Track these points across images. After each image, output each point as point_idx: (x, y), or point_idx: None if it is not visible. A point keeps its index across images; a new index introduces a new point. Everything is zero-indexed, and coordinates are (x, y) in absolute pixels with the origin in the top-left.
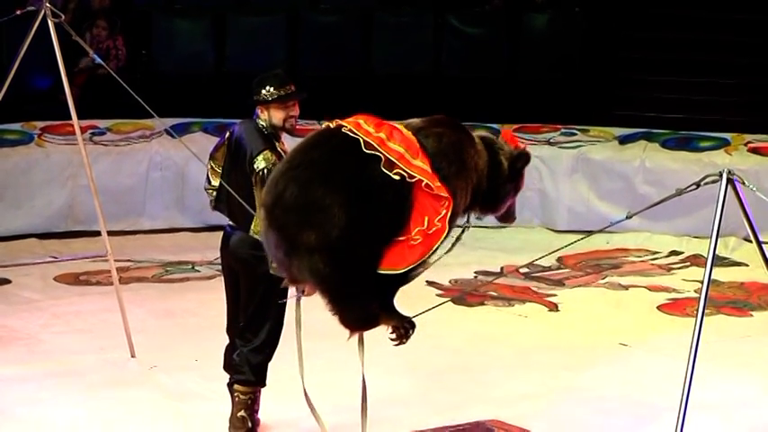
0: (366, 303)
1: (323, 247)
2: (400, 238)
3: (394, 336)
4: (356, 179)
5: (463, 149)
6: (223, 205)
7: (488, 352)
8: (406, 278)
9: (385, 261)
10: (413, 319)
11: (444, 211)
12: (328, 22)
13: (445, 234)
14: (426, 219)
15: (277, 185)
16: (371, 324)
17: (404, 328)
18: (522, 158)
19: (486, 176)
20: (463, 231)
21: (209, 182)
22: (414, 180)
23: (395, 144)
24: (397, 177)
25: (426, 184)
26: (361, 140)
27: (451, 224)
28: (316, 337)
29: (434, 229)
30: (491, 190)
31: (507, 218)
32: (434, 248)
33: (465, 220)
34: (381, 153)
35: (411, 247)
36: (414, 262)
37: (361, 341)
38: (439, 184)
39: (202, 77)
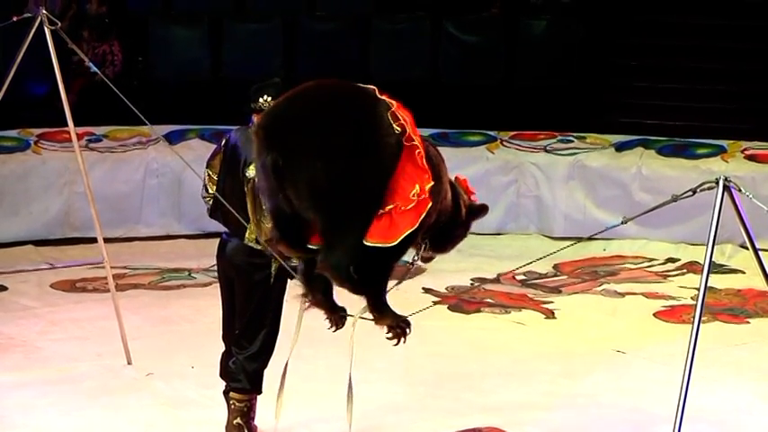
0: (355, 241)
1: (325, 153)
2: (389, 207)
3: (391, 335)
4: (372, 112)
5: (442, 165)
6: (219, 213)
7: (485, 359)
8: (394, 258)
9: (375, 234)
10: (408, 318)
11: (429, 185)
12: (325, 28)
13: (429, 207)
14: (417, 185)
15: (279, 106)
16: (347, 278)
17: (400, 328)
18: (483, 212)
19: (447, 213)
20: (411, 267)
21: (207, 190)
22: (409, 144)
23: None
24: (398, 129)
25: (419, 152)
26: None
27: (436, 206)
28: (315, 343)
29: (423, 197)
30: (448, 228)
31: (427, 260)
32: (420, 220)
33: (415, 252)
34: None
35: (401, 214)
36: (405, 231)
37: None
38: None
39: (199, 84)
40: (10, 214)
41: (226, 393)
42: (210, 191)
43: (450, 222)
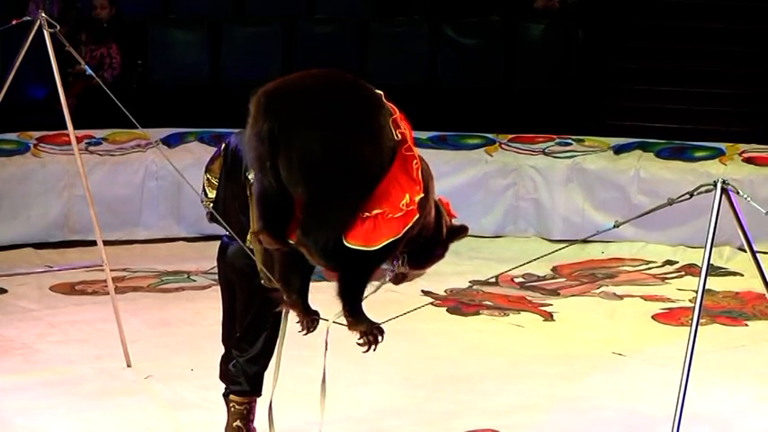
0: (339, 221)
1: (326, 125)
2: (377, 211)
3: (362, 341)
4: (375, 106)
5: (431, 181)
6: (220, 216)
7: (484, 362)
8: (375, 263)
9: (358, 236)
10: (381, 326)
11: (419, 197)
12: (324, 32)
13: (415, 219)
14: (408, 195)
15: (286, 80)
16: (326, 256)
17: (372, 335)
18: (463, 233)
19: (430, 230)
20: (384, 280)
21: (206, 194)
22: (407, 153)
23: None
24: (398, 137)
25: (416, 163)
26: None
27: (421, 220)
28: (311, 347)
29: (411, 208)
30: (427, 245)
31: (400, 280)
32: (405, 230)
33: (396, 261)
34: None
35: (387, 221)
36: (389, 238)
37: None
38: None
39: (198, 87)
40: (9, 217)
41: (225, 396)
42: (210, 195)
43: (430, 240)
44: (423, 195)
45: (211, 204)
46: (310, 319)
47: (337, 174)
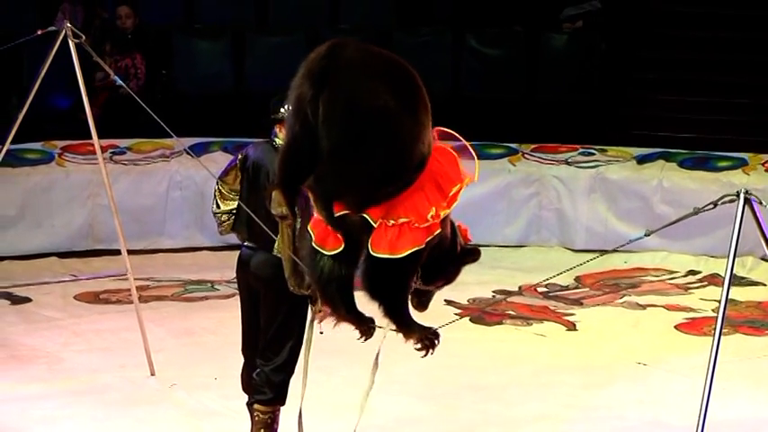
0: (370, 188)
1: (383, 84)
2: (403, 219)
3: (419, 346)
4: (419, 88)
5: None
6: (243, 227)
7: (506, 371)
8: (405, 273)
9: (383, 244)
10: (436, 330)
11: (445, 211)
12: None
13: (437, 233)
14: (434, 209)
15: (334, 47)
16: (330, 211)
17: (428, 339)
18: (476, 255)
19: (445, 246)
20: None
21: (218, 206)
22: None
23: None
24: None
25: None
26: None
27: (441, 234)
28: (334, 355)
29: (436, 221)
30: (441, 261)
31: (422, 305)
32: (427, 240)
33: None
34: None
35: (413, 230)
36: (413, 246)
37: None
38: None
39: (222, 97)
40: (34, 226)
41: (249, 405)
42: (222, 206)
43: (444, 254)
44: (448, 211)
45: (225, 216)
46: (367, 327)
47: (373, 130)
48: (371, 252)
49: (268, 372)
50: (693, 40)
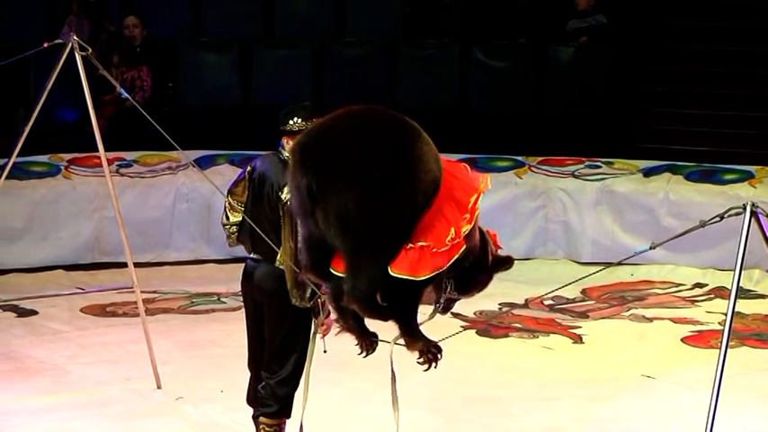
0: (380, 272)
1: (360, 185)
2: (421, 243)
3: (422, 360)
4: (413, 142)
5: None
6: (247, 238)
7: (512, 384)
8: (422, 289)
9: (403, 266)
10: (439, 344)
11: (466, 227)
12: (354, 54)
13: (462, 250)
14: (453, 229)
15: (323, 125)
16: (372, 307)
17: (431, 353)
18: (508, 263)
19: (476, 255)
20: (436, 308)
21: (228, 218)
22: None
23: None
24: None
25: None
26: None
27: (467, 247)
28: (340, 368)
29: (457, 240)
30: (472, 271)
31: (446, 310)
32: (452, 261)
33: (444, 290)
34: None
35: (433, 255)
36: (434, 270)
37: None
38: (474, 199)
39: (228, 109)
40: (40, 239)
41: (255, 418)
42: (231, 218)
43: (475, 265)
44: (470, 226)
45: (234, 228)
46: (369, 341)
47: (372, 232)
48: (390, 272)
49: (273, 384)
50: (700, 53)
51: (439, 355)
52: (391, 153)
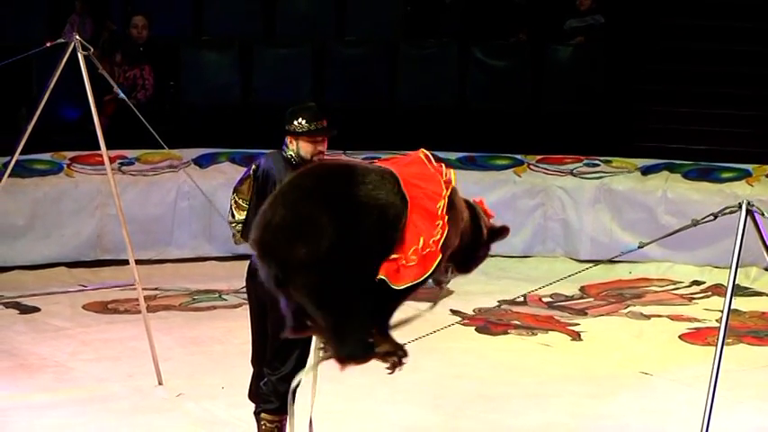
0: (363, 326)
1: (315, 260)
2: (394, 256)
3: (388, 363)
4: (343, 195)
5: (455, 192)
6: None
7: (511, 381)
8: (401, 298)
9: (383, 272)
10: (406, 348)
11: (439, 235)
12: (354, 53)
13: (438, 260)
14: (422, 239)
15: (265, 215)
16: (366, 355)
17: (397, 356)
18: (504, 234)
19: (468, 235)
20: (441, 288)
21: (233, 215)
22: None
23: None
24: (404, 200)
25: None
26: (358, 166)
27: (444, 254)
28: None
29: (428, 250)
30: (470, 249)
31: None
32: (429, 272)
33: (446, 274)
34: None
35: (406, 268)
36: (409, 282)
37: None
38: (441, 205)
39: (229, 108)
40: (43, 237)
41: (257, 414)
42: (237, 216)
43: (470, 244)
44: (443, 233)
45: (240, 226)
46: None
47: (345, 296)
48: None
49: (275, 381)
50: (697, 52)
51: (404, 360)
52: (330, 219)
